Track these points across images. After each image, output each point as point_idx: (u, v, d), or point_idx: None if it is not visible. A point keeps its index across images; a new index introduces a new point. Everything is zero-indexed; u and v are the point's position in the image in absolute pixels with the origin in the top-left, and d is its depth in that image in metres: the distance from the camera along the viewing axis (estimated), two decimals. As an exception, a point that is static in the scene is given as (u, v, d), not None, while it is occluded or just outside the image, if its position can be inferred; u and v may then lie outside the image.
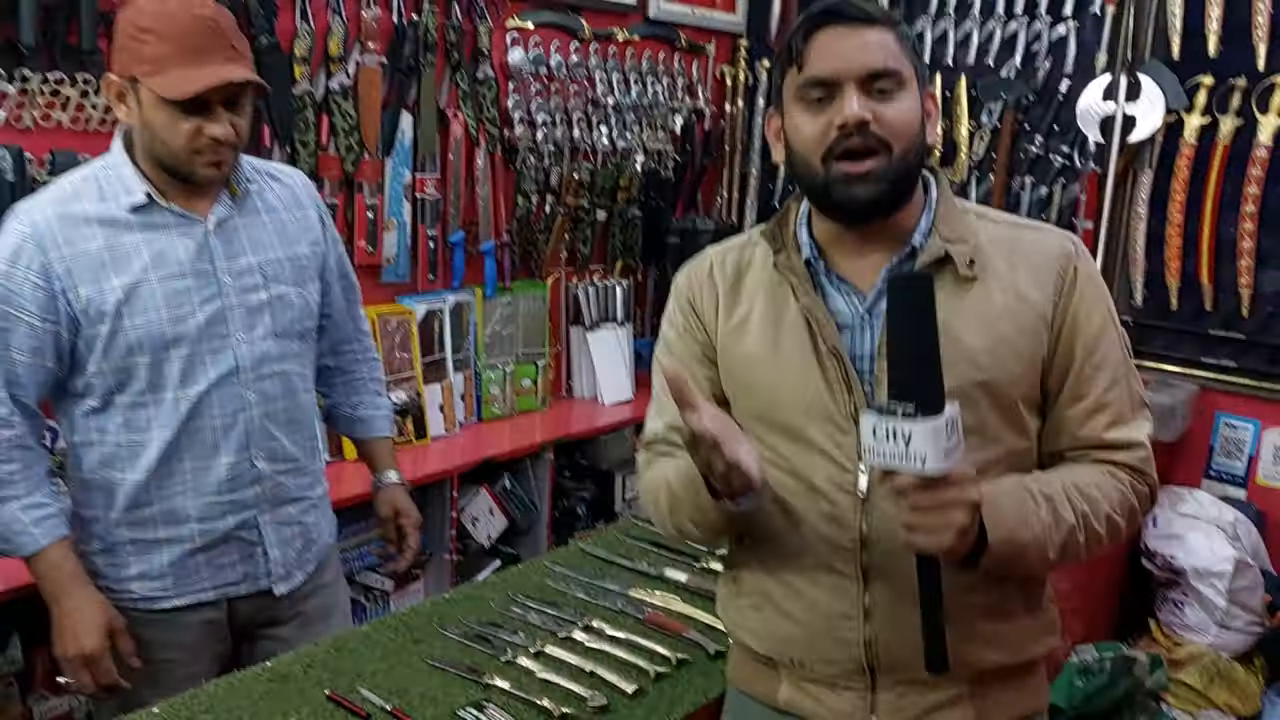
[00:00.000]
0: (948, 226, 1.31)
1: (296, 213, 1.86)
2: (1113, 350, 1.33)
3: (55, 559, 1.70)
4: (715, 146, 3.95)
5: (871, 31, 1.25)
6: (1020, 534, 1.21)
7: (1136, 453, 1.33)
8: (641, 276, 3.83)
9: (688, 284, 1.46)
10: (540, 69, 3.26)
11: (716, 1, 3.85)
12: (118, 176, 1.69)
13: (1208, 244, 3.16)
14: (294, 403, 1.84)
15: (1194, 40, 3.12)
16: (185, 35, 1.59)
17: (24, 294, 1.64)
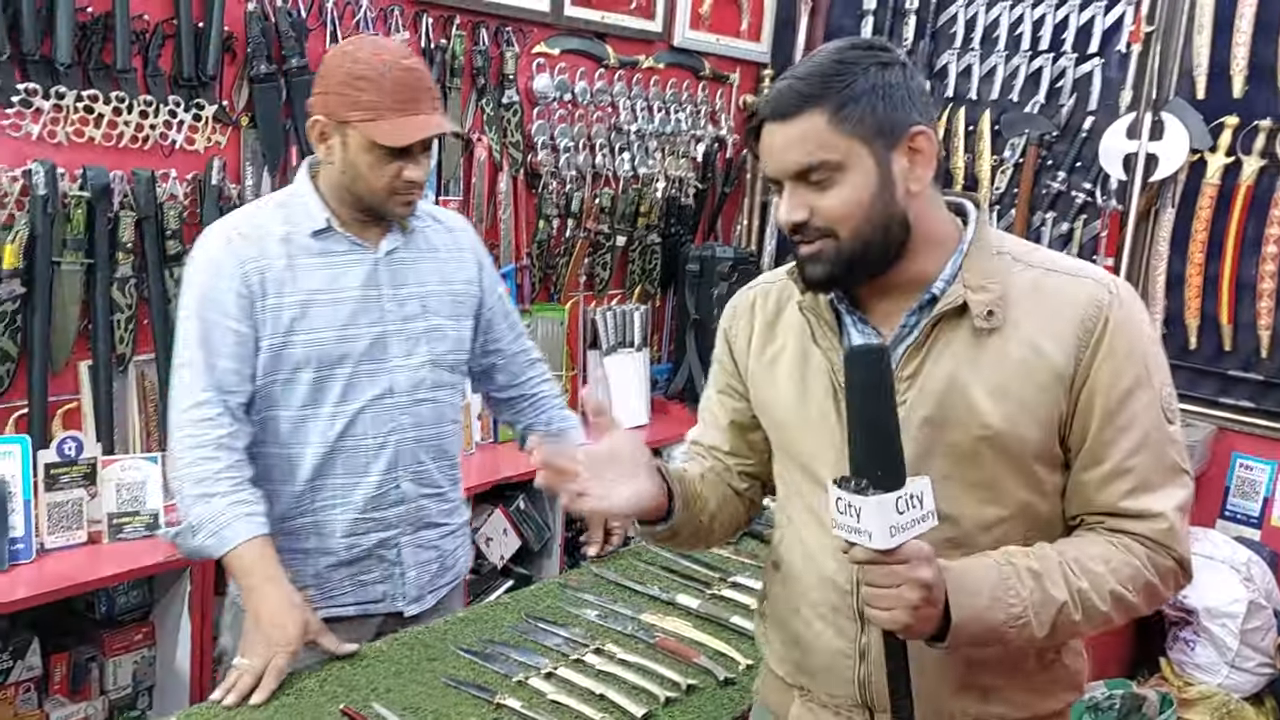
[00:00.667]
0: (973, 272, 1.26)
1: (456, 253, 1.97)
2: (1144, 413, 1.23)
3: (258, 553, 1.72)
4: (736, 175, 3.97)
5: (795, 125, 1.21)
6: (991, 614, 1.16)
7: (1156, 524, 1.23)
8: (659, 302, 3.85)
9: (731, 314, 1.50)
10: (565, 95, 3.30)
11: (741, 31, 3.88)
12: (302, 204, 1.82)
13: (1228, 284, 3.16)
14: (442, 430, 1.94)
15: (1219, 80, 3.13)
16: (398, 87, 1.72)
17: (228, 301, 1.75)
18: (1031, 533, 1.28)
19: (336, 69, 1.75)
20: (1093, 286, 1.25)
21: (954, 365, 1.25)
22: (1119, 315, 1.23)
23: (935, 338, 1.27)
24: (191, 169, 2.54)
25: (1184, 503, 1.26)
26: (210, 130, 2.54)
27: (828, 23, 3.89)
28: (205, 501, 1.72)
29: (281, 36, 2.60)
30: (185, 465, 1.74)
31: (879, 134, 1.22)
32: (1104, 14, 3.33)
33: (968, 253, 1.28)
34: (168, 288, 2.48)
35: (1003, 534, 1.27)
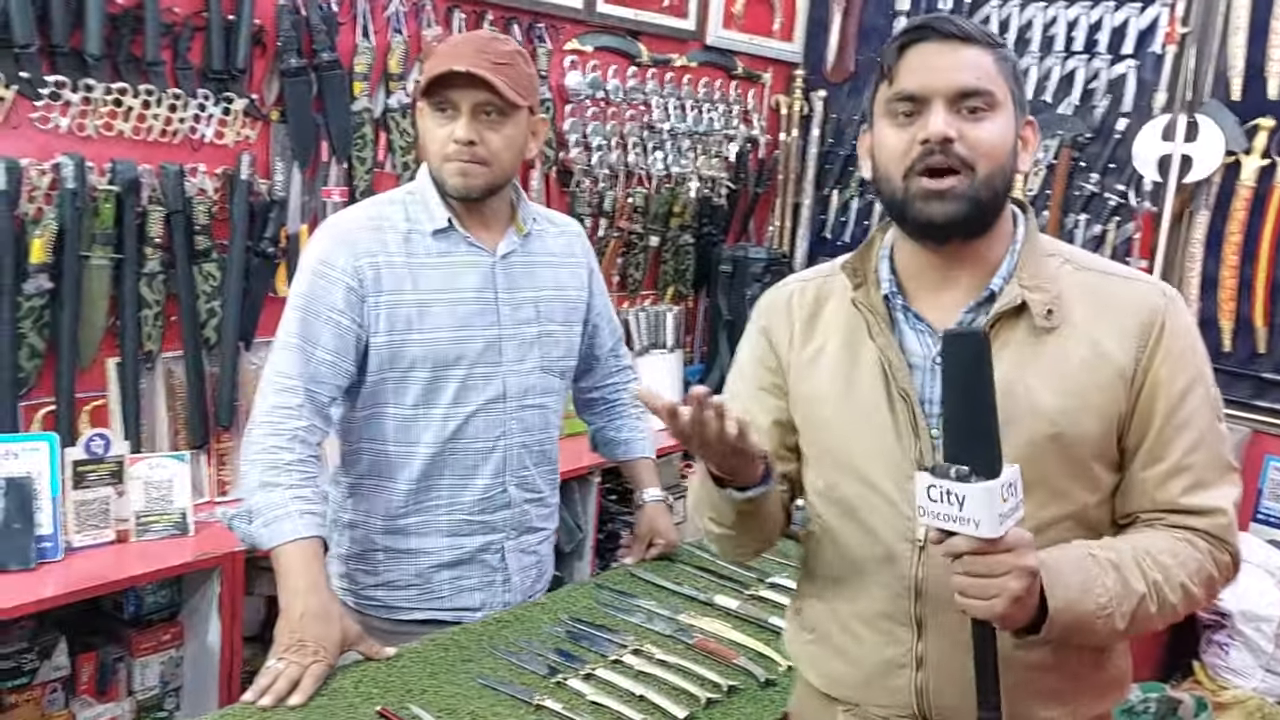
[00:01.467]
0: (1028, 271, 1.27)
1: (569, 258, 1.97)
2: (1199, 411, 1.25)
3: (305, 555, 1.67)
4: (769, 176, 3.95)
5: (968, 50, 1.22)
6: (1083, 603, 1.16)
7: (1217, 520, 1.25)
8: (692, 303, 3.83)
9: (766, 311, 1.45)
10: (597, 92, 3.29)
11: (774, 31, 3.87)
12: (423, 201, 1.82)
13: (1263, 287, 3.12)
14: (547, 436, 1.95)
15: (1255, 82, 3.09)
16: (458, 43, 1.78)
17: (335, 295, 1.75)
18: (1083, 534, 1.26)
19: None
20: (1149, 290, 1.28)
21: (1015, 364, 1.24)
22: (1174, 318, 1.26)
23: (995, 336, 1.25)
24: (221, 163, 2.52)
25: (1237, 499, 1.28)
26: (240, 124, 2.53)
27: (860, 23, 3.86)
28: (269, 490, 1.70)
29: (312, 30, 2.59)
30: (258, 451, 1.72)
31: (1018, 100, 1.26)
32: (1138, 15, 3.29)
33: (1021, 252, 1.29)
34: (196, 283, 2.47)
35: (1057, 535, 1.25)
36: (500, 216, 1.88)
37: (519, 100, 1.75)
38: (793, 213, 3.99)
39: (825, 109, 3.93)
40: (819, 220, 3.99)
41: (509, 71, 1.74)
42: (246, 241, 2.53)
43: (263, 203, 2.56)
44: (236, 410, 2.57)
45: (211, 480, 2.57)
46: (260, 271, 2.57)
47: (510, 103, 1.73)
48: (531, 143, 1.85)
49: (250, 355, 2.61)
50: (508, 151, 1.78)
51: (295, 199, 2.65)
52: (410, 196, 1.85)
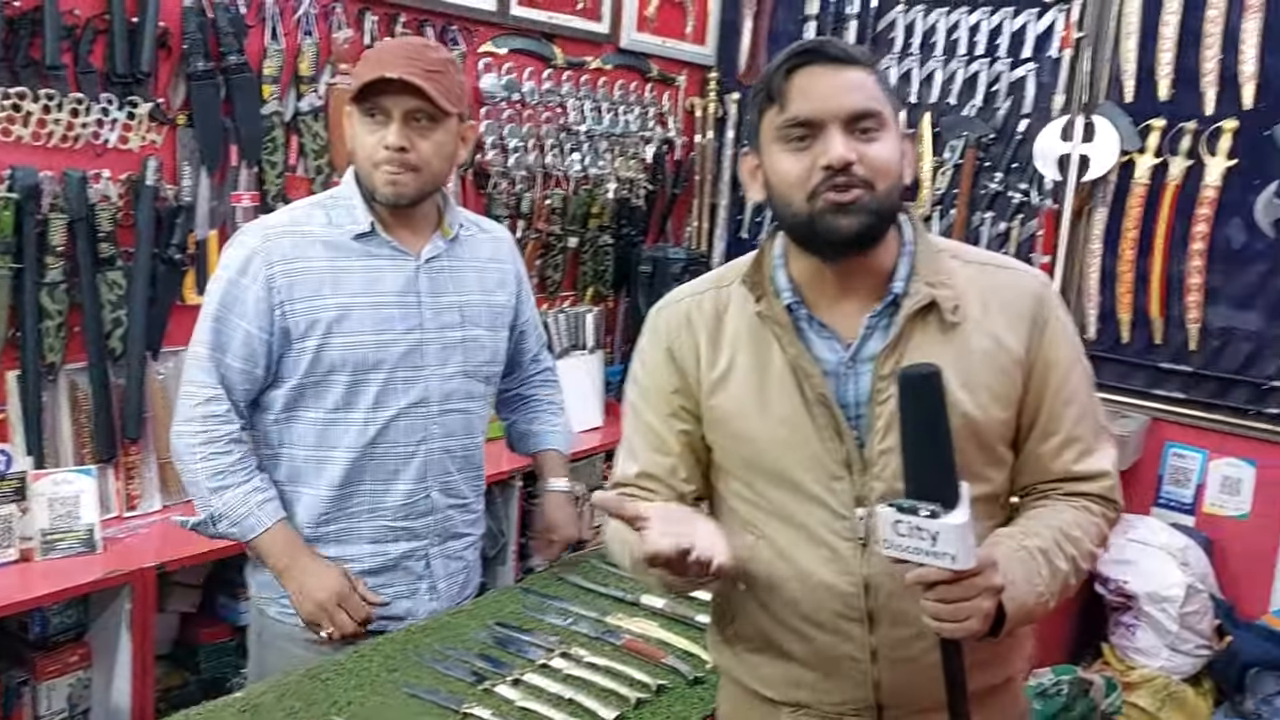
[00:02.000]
0: (929, 270, 1.31)
1: (499, 265, 1.98)
2: (1080, 384, 1.36)
3: (280, 536, 1.80)
4: (686, 177, 3.98)
5: (853, 72, 1.25)
6: (1030, 599, 1.23)
7: (1104, 482, 1.36)
8: (612, 304, 3.84)
9: (665, 330, 1.42)
10: (513, 95, 3.27)
11: (687, 34, 3.90)
12: (346, 206, 1.83)
13: (1158, 280, 3.25)
14: (471, 442, 1.95)
15: (1147, 84, 3.22)
16: (388, 49, 1.80)
17: (246, 302, 1.77)
18: (994, 510, 1.36)
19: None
20: (1031, 279, 1.37)
21: (929, 361, 1.25)
22: (1053, 302, 1.36)
23: (907, 336, 1.29)
24: (125, 169, 2.45)
25: (1116, 459, 1.40)
26: (145, 129, 2.46)
27: (771, 27, 3.91)
28: (221, 494, 1.77)
29: (220, 33, 2.53)
30: (200, 460, 1.78)
31: (896, 115, 1.30)
32: (1036, 20, 3.39)
33: (916, 252, 1.33)
34: (100, 292, 2.39)
35: (979, 513, 1.27)
36: (427, 221, 1.88)
37: (450, 108, 1.76)
38: (710, 213, 4.03)
39: (739, 111, 3.97)
40: (736, 220, 4.04)
41: (440, 79, 1.75)
42: (153, 249, 2.46)
43: (169, 209, 2.49)
44: (145, 422, 2.50)
45: (120, 495, 2.50)
46: (167, 279, 2.50)
47: (442, 110, 1.75)
48: (461, 149, 1.86)
49: (158, 365, 2.55)
50: (438, 158, 1.79)
51: (204, 204, 2.59)
52: (333, 200, 1.85)
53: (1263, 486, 3.19)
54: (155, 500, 2.56)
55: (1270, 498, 3.17)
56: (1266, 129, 3.05)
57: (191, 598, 2.62)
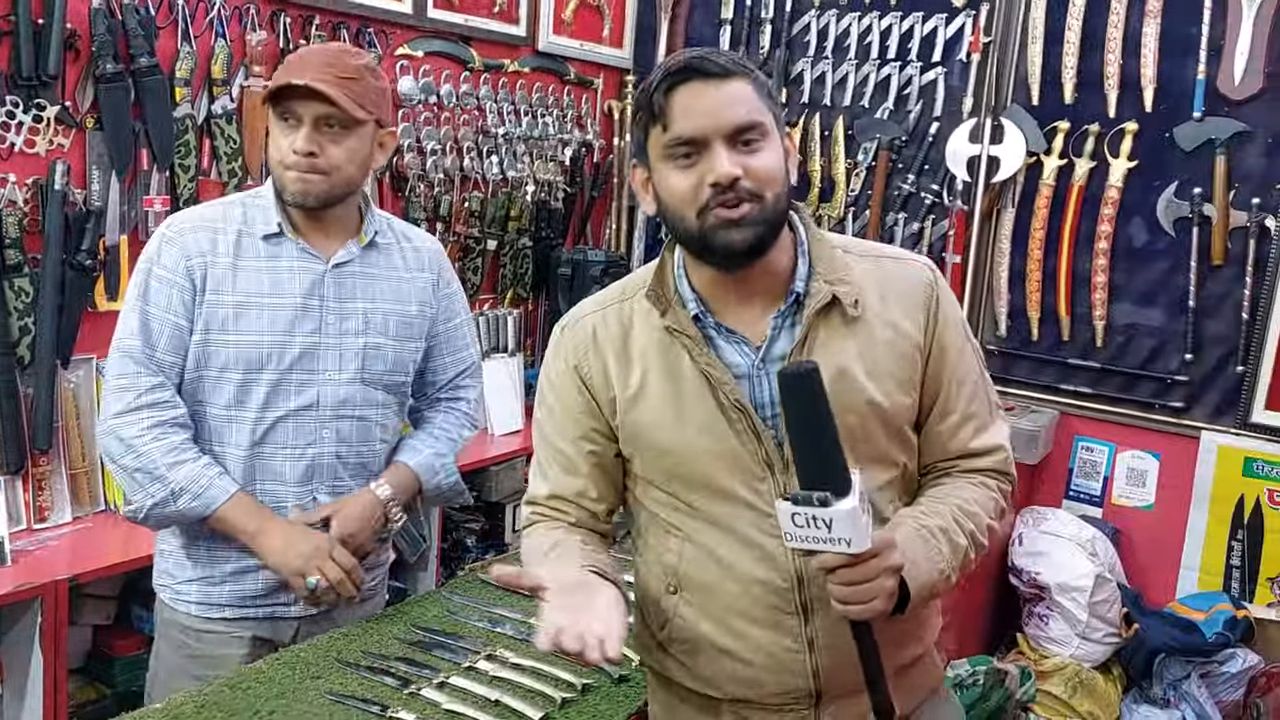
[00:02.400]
0: (826, 267, 1.35)
1: (414, 274, 1.96)
2: (971, 364, 1.42)
3: (246, 501, 1.81)
4: (604, 179, 4.00)
5: (732, 85, 1.26)
6: (932, 576, 1.27)
7: (998, 456, 1.43)
8: (532, 307, 3.84)
9: (572, 349, 1.43)
10: (430, 97, 3.26)
11: (604, 37, 3.92)
12: (263, 206, 1.84)
13: (1065, 278, 3.35)
14: (368, 449, 1.92)
15: (1052, 88, 3.33)
16: (306, 56, 1.78)
17: (170, 293, 1.78)
18: (905, 487, 1.42)
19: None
20: (920, 268, 1.42)
21: (834, 355, 1.32)
22: (942, 288, 1.41)
23: (813, 334, 1.33)
24: (32, 173, 2.39)
25: (1008, 433, 1.47)
26: (53, 132, 2.40)
27: (687, 30, 3.97)
28: (179, 469, 1.76)
29: (129, 34, 2.48)
30: (150, 441, 1.76)
31: (777, 118, 1.32)
32: (945, 25, 3.49)
33: (811, 252, 1.37)
34: (7, 300, 2.33)
35: (891, 494, 1.39)
36: (343, 225, 1.88)
37: (361, 114, 1.76)
38: (629, 215, 4.06)
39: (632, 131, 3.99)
40: (654, 223, 4.07)
41: (354, 86, 1.76)
42: (61, 255, 2.40)
43: (79, 214, 2.44)
44: (55, 432, 2.44)
45: (29, 506, 2.44)
46: (77, 285, 2.44)
47: (352, 117, 1.75)
48: (379, 155, 1.86)
49: (68, 374, 2.49)
50: (349, 164, 1.79)
51: (114, 209, 2.53)
52: (253, 199, 1.87)
53: (1166, 478, 3.31)
54: (66, 512, 2.50)
55: (1174, 488, 3.29)
56: (1166, 131, 3.17)
57: (105, 610, 2.56)
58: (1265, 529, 3.15)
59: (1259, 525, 3.16)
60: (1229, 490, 3.19)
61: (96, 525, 2.51)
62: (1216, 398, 3.19)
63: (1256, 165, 3.07)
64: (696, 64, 1.27)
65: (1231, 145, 3.08)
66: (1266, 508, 3.14)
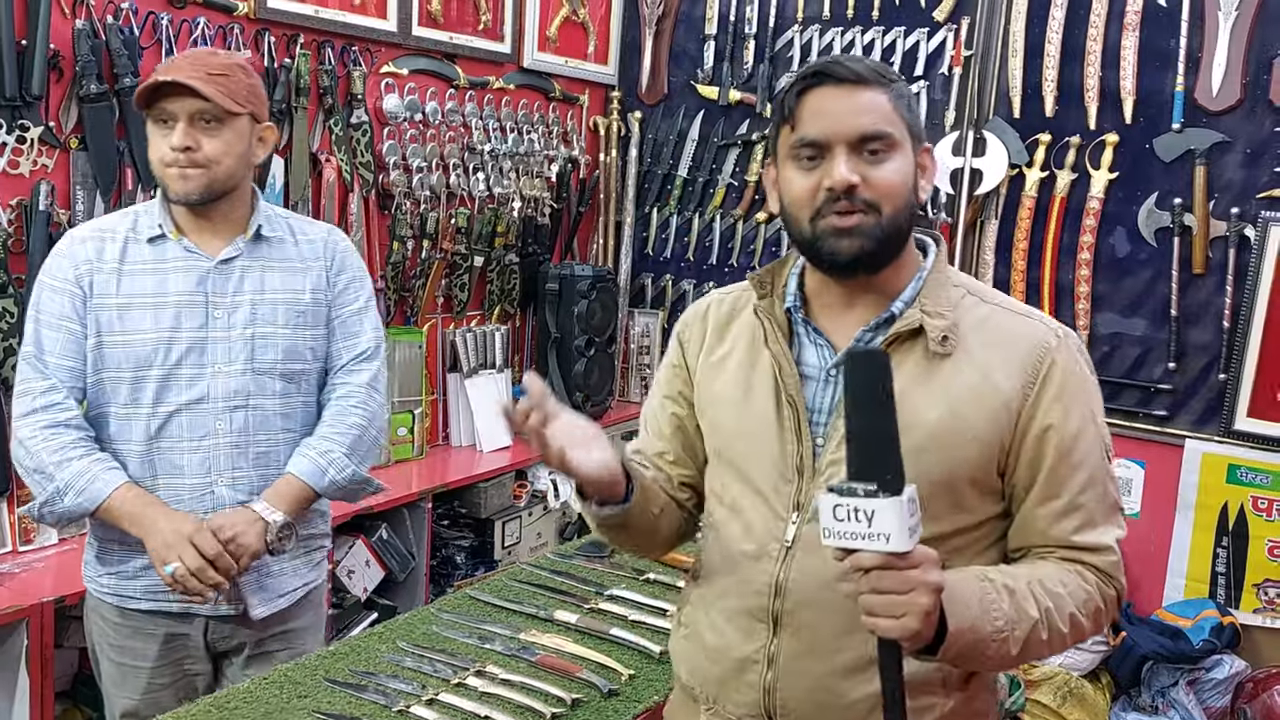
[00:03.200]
0: (931, 299, 1.30)
1: (311, 262, 1.98)
2: (1092, 451, 1.29)
3: (129, 494, 1.83)
4: (590, 195, 4.02)
5: (864, 93, 1.25)
6: (982, 625, 1.17)
7: (1106, 557, 1.29)
8: (519, 322, 3.84)
9: (685, 320, 1.51)
10: (415, 115, 3.27)
11: (589, 54, 3.94)
12: (147, 211, 1.91)
13: (1048, 288, 3.38)
14: (268, 438, 1.93)
15: (1033, 101, 3.36)
16: (174, 60, 1.84)
17: (63, 300, 1.85)
18: (954, 557, 1.28)
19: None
20: (1042, 329, 1.32)
21: (906, 383, 1.26)
22: (1066, 358, 1.29)
23: (890, 355, 1.24)
24: (16, 194, 2.39)
25: (1122, 536, 1.32)
26: (36, 153, 2.40)
27: (672, 46, 3.99)
28: (65, 466, 1.80)
29: (113, 55, 2.49)
30: (41, 442, 1.81)
31: (914, 133, 1.29)
32: (927, 40, 3.52)
33: (926, 280, 1.32)
34: (-8, 319, 2.33)
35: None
36: (230, 222, 1.92)
37: (234, 107, 1.82)
38: (615, 230, 4.08)
39: (641, 129, 4.03)
40: (641, 237, 4.09)
41: (224, 82, 1.82)
42: (46, 275, 2.40)
43: (63, 234, 2.42)
44: (42, 453, 2.43)
45: (14, 529, 2.43)
46: (63, 306, 2.44)
47: (225, 109, 1.81)
48: (259, 149, 1.93)
49: (55, 394, 2.48)
50: (227, 157, 1.84)
51: (99, 229, 2.53)
52: (145, 207, 1.94)
53: (1152, 486, 3.32)
54: (52, 534, 2.49)
55: (1159, 496, 3.30)
56: (1146, 142, 3.20)
57: (93, 632, 2.54)
58: (1250, 535, 3.16)
59: (1244, 532, 3.17)
60: (1214, 498, 3.20)
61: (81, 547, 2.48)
62: (1200, 406, 3.21)
63: (1235, 175, 3.10)
64: (831, 68, 1.26)
65: (1211, 156, 3.11)
66: (1251, 514, 3.16)
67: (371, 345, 2.05)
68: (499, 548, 3.34)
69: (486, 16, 3.49)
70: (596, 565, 2.27)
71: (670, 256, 4.06)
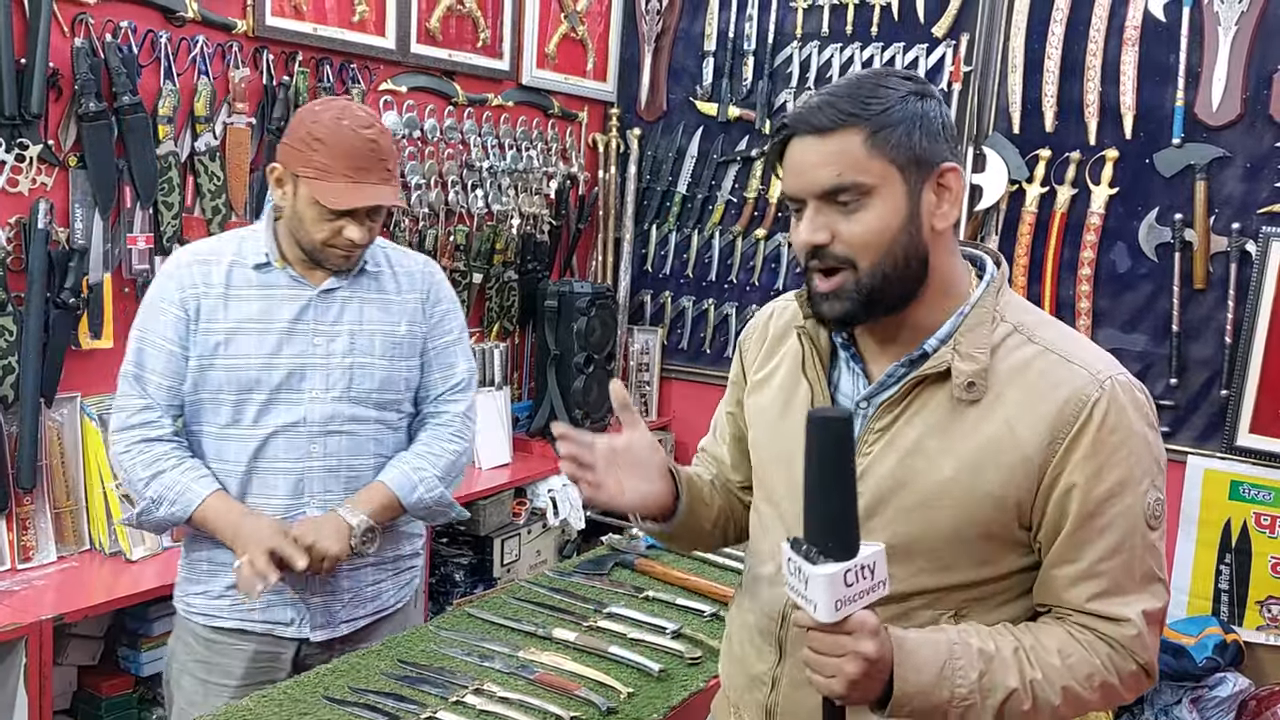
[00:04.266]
0: (968, 340, 1.22)
1: (408, 295, 2.05)
2: (1124, 516, 1.19)
3: (221, 504, 1.90)
4: (589, 211, 4.02)
5: (831, 141, 1.17)
6: (937, 692, 1.15)
7: (1122, 629, 1.20)
8: (518, 339, 3.84)
9: (749, 328, 1.51)
10: (414, 132, 3.28)
11: (588, 71, 3.95)
12: (255, 238, 1.97)
13: (1049, 304, 3.37)
14: (360, 463, 2.00)
15: (1033, 116, 3.36)
16: (351, 154, 1.85)
17: (166, 322, 1.91)
18: (975, 607, 1.26)
19: (300, 125, 1.88)
20: (1084, 378, 1.20)
21: (925, 428, 1.23)
22: (1105, 412, 1.18)
23: (915, 396, 1.24)
24: (15, 212, 2.39)
25: (1155, 611, 1.22)
26: (35, 171, 2.40)
27: (670, 63, 4.00)
28: (159, 478, 1.88)
29: (112, 73, 2.49)
30: (135, 455, 1.90)
31: (913, 163, 1.18)
32: (926, 55, 3.53)
33: (968, 315, 1.24)
34: (-8, 339, 2.33)
35: (939, 600, 1.26)
36: None
37: (400, 202, 1.97)
38: (614, 247, 4.08)
39: (640, 146, 4.04)
40: (640, 254, 4.10)
41: (394, 172, 1.93)
42: (45, 293, 2.40)
43: (62, 252, 2.44)
44: (39, 471, 2.42)
45: (14, 546, 2.42)
46: (61, 323, 2.44)
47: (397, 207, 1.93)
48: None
49: (52, 412, 2.47)
50: (379, 226, 1.96)
51: (98, 247, 2.53)
52: (251, 232, 2.00)
53: (1154, 500, 3.31)
54: (51, 551, 2.47)
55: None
56: (1146, 158, 3.21)
57: (91, 649, 2.54)
58: (1253, 552, 3.15)
59: (1247, 549, 3.16)
60: (1216, 514, 3.19)
61: (82, 564, 2.49)
62: (1202, 422, 3.21)
63: (1236, 190, 3.10)
64: (797, 120, 1.20)
65: (1211, 171, 3.11)
66: (1254, 531, 3.15)
67: (466, 376, 2.13)
68: (498, 565, 3.32)
69: (485, 34, 3.50)
70: (595, 583, 2.26)
71: (669, 273, 4.07)
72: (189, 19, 2.67)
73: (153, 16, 2.61)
